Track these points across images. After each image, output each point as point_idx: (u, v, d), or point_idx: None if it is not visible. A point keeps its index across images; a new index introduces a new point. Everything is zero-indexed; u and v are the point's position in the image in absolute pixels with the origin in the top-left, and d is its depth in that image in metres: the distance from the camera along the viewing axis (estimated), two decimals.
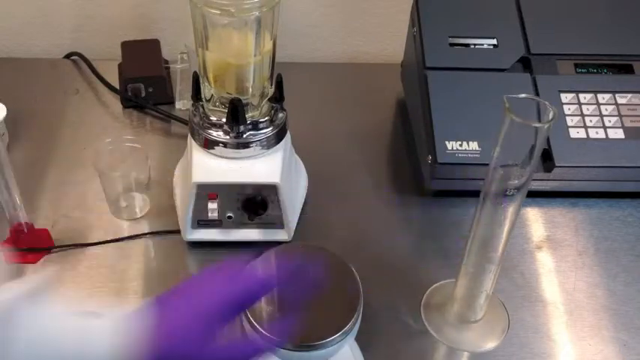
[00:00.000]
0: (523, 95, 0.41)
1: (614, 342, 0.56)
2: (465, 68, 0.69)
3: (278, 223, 0.61)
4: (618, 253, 0.64)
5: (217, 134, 0.57)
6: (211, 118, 0.57)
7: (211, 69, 0.56)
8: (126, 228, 0.64)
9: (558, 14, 0.72)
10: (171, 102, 0.80)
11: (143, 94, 0.78)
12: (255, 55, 0.55)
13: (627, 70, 0.70)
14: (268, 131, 0.58)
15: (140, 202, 0.66)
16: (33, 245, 0.61)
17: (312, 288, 0.47)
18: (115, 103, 0.80)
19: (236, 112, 0.55)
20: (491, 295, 0.55)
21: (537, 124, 0.40)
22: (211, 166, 0.58)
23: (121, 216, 0.65)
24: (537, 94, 0.67)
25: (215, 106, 0.58)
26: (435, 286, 0.60)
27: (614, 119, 0.66)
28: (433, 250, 0.64)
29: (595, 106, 0.67)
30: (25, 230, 0.61)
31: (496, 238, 0.48)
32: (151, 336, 0.35)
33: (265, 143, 0.58)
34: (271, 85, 0.59)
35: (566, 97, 0.67)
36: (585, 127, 0.66)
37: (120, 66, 0.81)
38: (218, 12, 0.52)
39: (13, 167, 0.56)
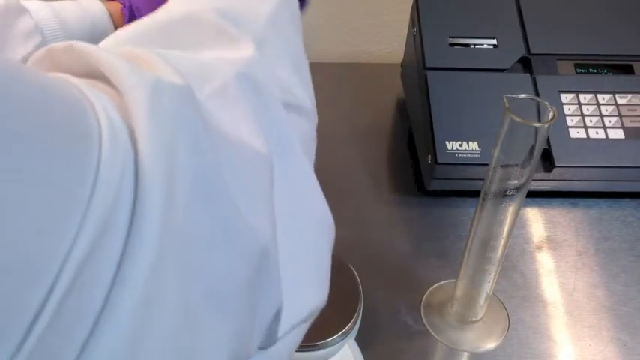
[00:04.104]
0: (523, 95, 0.41)
1: (614, 342, 0.56)
2: (465, 68, 0.69)
3: None
4: (618, 254, 0.64)
5: None
6: None
7: None
8: None
9: (558, 14, 0.72)
10: None
11: None
12: None
13: (627, 70, 0.70)
14: None
15: None
16: None
17: None
18: None
19: None
20: (491, 295, 0.55)
21: (537, 124, 0.40)
22: None
23: None
24: (537, 94, 0.67)
25: None
26: (435, 286, 0.60)
27: (614, 119, 0.66)
28: (433, 250, 0.64)
29: (595, 106, 0.67)
30: None
31: (496, 238, 0.48)
32: None
33: None
34: None
35: (566, 97, 0.68)
36: (585, 127, 0.66)
37: None
38: None
39: None
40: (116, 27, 0.51)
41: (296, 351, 0.48)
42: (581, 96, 0.68)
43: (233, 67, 0.26)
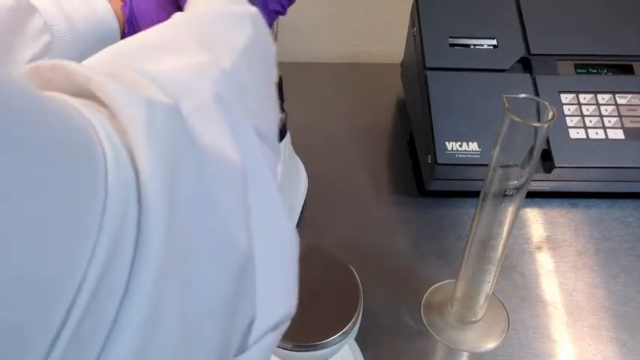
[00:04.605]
0: (523, 95, 0.41)
1: (614, 342, 0.56)
2: (465, 68, 0.69)
3: None
4: (618, 254, 0.64)
5: None
6: None
7: None
8: None
9: (558, 14, 0.72)
10: None
11: None
12: None
13: (627, 70, 0.70)
14: None
15: None
16: None
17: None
18: None
19: None
20: (491, 296, 0.55)
21: (537, 124, 0.40)
22: None
23: None
24: (537, 95, 0.67)
25: None
26: (435, 286, 0.60)
27: (614, 120, 0.66)
28: (433, 250, 0.64)
29: (595, 106, 0.67)
30: None
31: (496, 238, 0.48)
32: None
33: None
34: None
35: (566, 98, 0.68)
36: (585, 127, 0.66)
37: None
38: None
39: None
40: None
41: (296, 351, 0.48)
42: (581, 96, 0.68)
43: (209, 84, 0.27)
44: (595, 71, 0.70)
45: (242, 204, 0.25)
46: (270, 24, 0.50)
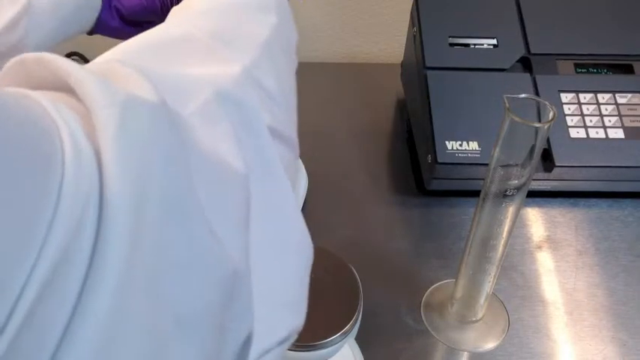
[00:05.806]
0: (523, 95, 0.41)
1: (614, 342, 0.56)
2: (465, 68, 0.69)
3: None
4: (618, 253, 0.64)
5: None
6: None
7: None
8: None
9: (558, 14, 0.72)
10: None
11: None
12: None
13: (627, 70, 0.70)
14: None
15: None
16: None
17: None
18: None
19: None
20: (491, 295, 0.55)
21: (537, 124, 0.40)
22: None
23: None
24: (537, 94, 0.67)
25: None
26: (435, 286, 0.60)
27: (614, 119, 0.66)
28: (433, 250, 0.64)
29: (595, 106, 0.67)
30: None
31: (496, 238, 0.48)
32: None
33: None
34: None
35: (566, 97, 0.67)
36: (585, 127, 0.66)
37: None
38: None
39: None
40: None
41: (296, 351, 0.48)
42: (581, 96, 0.68)
43: (216, 85, 0.26)
44: (595, 71, 0.70)
45: (238, 211, 0.24)
46: None
